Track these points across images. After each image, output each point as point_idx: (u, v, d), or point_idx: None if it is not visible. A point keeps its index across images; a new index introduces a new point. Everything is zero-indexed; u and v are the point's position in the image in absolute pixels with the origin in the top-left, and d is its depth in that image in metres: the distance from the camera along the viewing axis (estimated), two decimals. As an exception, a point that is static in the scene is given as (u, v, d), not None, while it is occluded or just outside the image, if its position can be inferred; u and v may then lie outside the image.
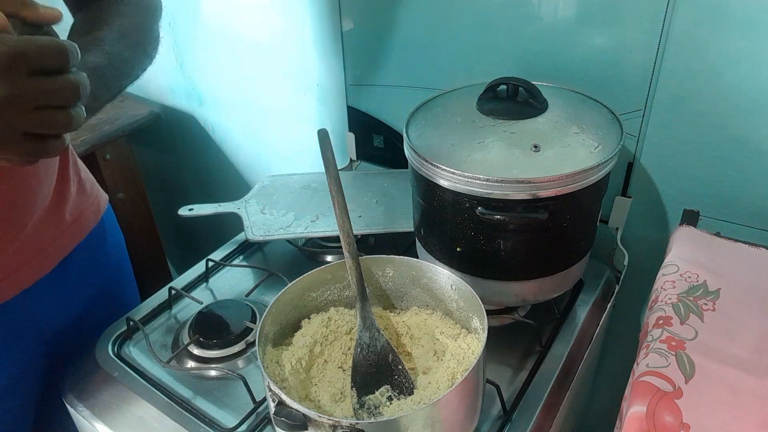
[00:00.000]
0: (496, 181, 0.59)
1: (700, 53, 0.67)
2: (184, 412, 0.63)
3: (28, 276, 0.68)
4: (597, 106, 0.70)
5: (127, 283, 0.87)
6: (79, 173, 0.75)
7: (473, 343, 0.60)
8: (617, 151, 0.62)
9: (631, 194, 0.80)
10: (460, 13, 0.81)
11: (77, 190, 0.74)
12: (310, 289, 0.65)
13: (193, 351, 0.70)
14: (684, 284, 0.61)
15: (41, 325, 0.71)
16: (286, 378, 0.57)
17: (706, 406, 0.48)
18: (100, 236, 0.78)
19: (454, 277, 0.62)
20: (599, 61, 0.74)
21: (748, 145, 0.68)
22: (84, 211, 0.75)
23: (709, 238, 0.68)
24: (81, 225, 0.74)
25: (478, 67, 0.83)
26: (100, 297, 0.79)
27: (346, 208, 0.63)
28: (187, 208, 0.86)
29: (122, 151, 1.31)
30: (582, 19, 0.73)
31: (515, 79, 0.68)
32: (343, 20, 0.93)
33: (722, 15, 0.64)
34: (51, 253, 0.70)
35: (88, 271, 0.77)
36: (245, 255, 0.89)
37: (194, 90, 1.25)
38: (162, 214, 1.51)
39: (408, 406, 0.55)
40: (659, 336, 0.55)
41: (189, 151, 1.39)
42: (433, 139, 0.66)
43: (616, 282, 0.81)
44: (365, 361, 0.59)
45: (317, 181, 0.95)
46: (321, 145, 0.66)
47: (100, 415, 0.65)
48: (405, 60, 0.90)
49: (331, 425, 0.48)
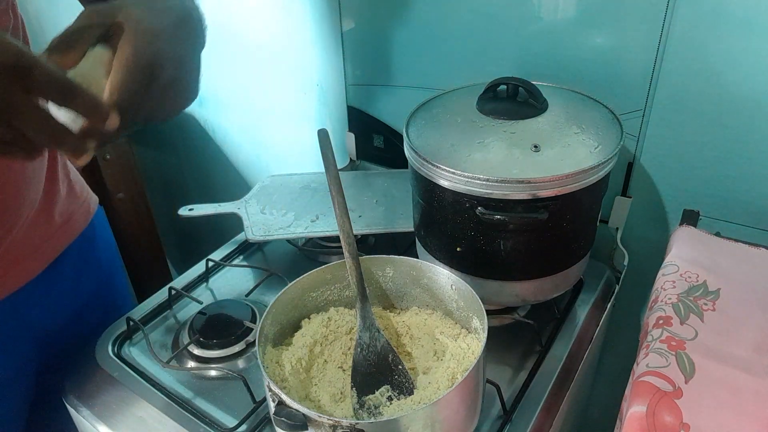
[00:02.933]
0: (496, 181, 0.59)
1: (700, 53, 0.67)
2: (184, 412, 0.63)
3: (18, 278, 0.68)
4: (597, 106, 0.70)
5: (119, 283, 0.87)
6: (69, 174, 0.75)
7: (473, 343, 0.60)
8: (617, 151, 0.62)
9: (631, 194, 0.80)
10: (460, 13, 0.81)
11: (67, 191, 0.73)
12: (310, 289, 0.65)
13: (193, 351, 0.70)
14: (684, 284, 0.61)
15: (32, 327, 0.71)
16: (286, 378, 0.57)
17: (706, 406, 0.48)
18: (91, 237, 0.78)
19: (454, 277, 0.62)
20: (599, 61, 0.74)
21: (748, 145, 0.69)
22: (74, 212, 0.75)
23: (709, 238, 0.68)
24: (71, 226, 0.74)
25: (478, 67, 0.83)
26: (92, 298, 0.79)
27: (346, 208, 0.63)
28: (187, 208, 0.86)
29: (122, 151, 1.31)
30: (582, 19, 0.73)
31: (515, 79, 0.68)
32: (343, 20, 0.93)
33: (722, 15, 0.64)
34: (41, 254, 0.70)
35: (79, 272, 0.76)
36: (245, 255, 0.89)
37: (194, 90, 1.24)
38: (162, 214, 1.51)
39: (408, 406, 0.55)
40: (659, 336, 0.55)
41: (189, 151, 1.39)
42: (433, 139, 0.66)
43: (616, 282, 0.81)
44: (365, 361, 0.59)
45: (317, 181, 0.95)
46: (321, 145, 0.66)
47: (101, 416, 0.65)
48: (405, 60, 0.90)
49: (331, 425, 0.48)
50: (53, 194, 0.71)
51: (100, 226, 0.82)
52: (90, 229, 0.78)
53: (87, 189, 0.80)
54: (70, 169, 0.76)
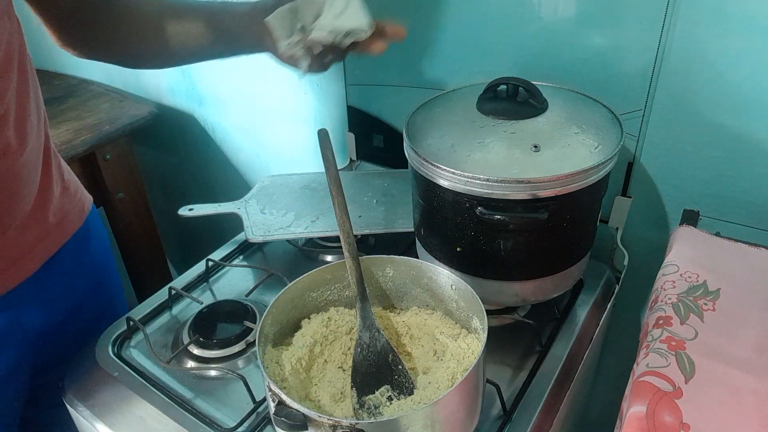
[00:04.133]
0: (496, 181, 0.59)
1: (700, 53, 0.67)
2: (184, 412, 0.63)
3: (11, 277, 0.67)
4: (597, 106, 0.70)
5: (113, 284, 0.87)
6: (63, 175, 0.75)
7: (473, 343, 0.60)
8: (617, 151, 0.62)
9: (631, 194, 0.80)
10: (460, 13, 0.81)
11: (61, 191, 0.73)
12: (310, 289, 0.65)
13: (193, 351, 0.70)
14: (684, 284, 0.61)
15: (26, 327, 0.71)
16: (286, 378, 0.57)
17: (706, 406, 0.48)
18: (85, 238, 0.78)
19: (454, 277, 0.62)
20: (599, 61, 0.74)
21: (748, 145, 0.69)
22: (68, 212, 0.74)
23: (709, 238, 0.68)
24: (65, 226, 0.74)
25: (478, 67, 0.83)
26: (87, 297, 0.79)
27: (346, 208, 0.63)
28: (187, 208, 0.86)
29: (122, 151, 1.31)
30: (582, 19, 0.73)
31: (515, 79, 0.68)
32: (343, 20, 0.93)
33: (722, 15, 0.64)
34: (34, 255, 0.70)
35: (73, 272, 0.76)
36: (245, 255, 0.89)
37: (194, 90, 1.25)
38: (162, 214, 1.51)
39: (408, 406, 0.55)
40: (659, 336, 0.55)
41: (189, 151, 1.39)
42: (433, 139, 0.66)
43: (616, 282, 0.81)
44: (365, 361, 0.59)
45: (317, 181, 0.95)
46: (321, 145, 0.66)
47: (101, 415, 0.65)
48: (405, 60, 0.90)
49: (331, 425, 0.48)
50: (47, 194, 0.71)
51: (95, 225, 0.82)
52: (84, 229, 0.78)
53: (81, 189, 0.80)
54: (64, 170, 0.76)
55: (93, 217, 0.81)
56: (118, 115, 1.28)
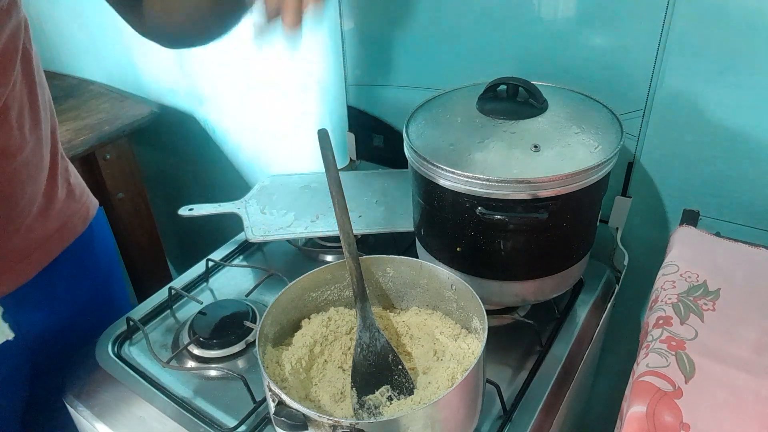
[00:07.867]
0: (496, 181, 0.59)
1: (700, 53, 0.67)
2: (184, 412, 0.63)
3: (14, 280, 0.67)
4: (597, 106, 0.70)
5: (117, 289, 0.87)
6: (69, 179, 0.75)
7: (473, 343, 0.60)
8: (617, 151, 0.62)
9: (631, 194, 0.80)
10: (460, 13, 0.81)
11: (66, 195, 0.73)
12: (310, 289, 0.65)
13: (193, 351, 0.70)
14: (684, 284, 0.61)
15: (28, 330, 0.71)
16: (286, 378, 0.57)
17: (706, 406, 0.48)
18: (89, 242, 0.78)
19: (454, 277, 0.62)
20: (599, 61, 0.74)
21: (748, 145, 0.69)
22: (72, 215, 0.74)
23: (709, 238, 0.68)
24: (68, 230, 0.74)
25: (478, 67, 0.83)
26: (90, 301, 0.79)
27: (346, 208, 0.64)
28: (187, 208, 0.86)
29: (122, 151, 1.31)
30: (582, 19, 0.73)
31: (515, 79, 0.68)
32: (343, 20, 0.93)
33: (722, 15, 0.64)
34: (36, 258, 0.70)
35: (75, 276, 0.76)
36: (245, 255, 0.89)
37: (194, 90, 1.25)
38: (162, 214, 1.51)
39: (408, 406, 0.56)
40: (659, 336, 0.55)
41: (189, 151, 1.39)
42: (433, 139, 0.66)
43: (616, 282, 0.81)
44: (365, 361, 0.59)
45: (317, 181, 0.95)
46: (321, 145, 0.66)
47: (101, 415, 0.65)
48: (405, 60, 0.90)
49: (331, 425, 0.48)
50: (52, 198, 0.70)
51: (99, 229, 0.82)
52: (88, 232, 0.77)
53: (87, 193, 0.79)
54: (71, 173, 0.75)
55: (98, 221, 0.81)
56: (118, 115, 1.28)
